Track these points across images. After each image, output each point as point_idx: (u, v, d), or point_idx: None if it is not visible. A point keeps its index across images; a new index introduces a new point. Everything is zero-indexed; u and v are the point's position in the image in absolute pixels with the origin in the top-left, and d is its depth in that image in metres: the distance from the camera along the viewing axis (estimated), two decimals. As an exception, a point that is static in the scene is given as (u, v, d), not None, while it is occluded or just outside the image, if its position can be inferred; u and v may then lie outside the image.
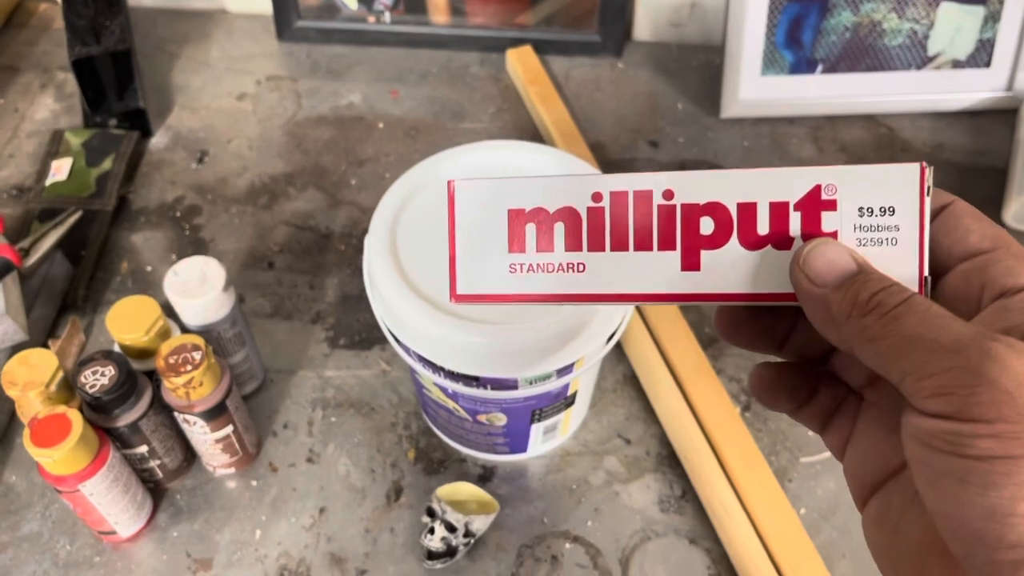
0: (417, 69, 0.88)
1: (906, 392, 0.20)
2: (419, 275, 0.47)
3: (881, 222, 0.23)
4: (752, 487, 0.55)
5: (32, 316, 0.62)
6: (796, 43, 0.80)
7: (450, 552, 0.53)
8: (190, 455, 0.58)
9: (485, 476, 0.59)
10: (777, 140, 0.81)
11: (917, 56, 0.80)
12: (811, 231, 0.24)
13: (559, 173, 0.51)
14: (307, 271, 0.70)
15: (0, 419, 0.59)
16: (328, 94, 0.85)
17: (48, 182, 0.74)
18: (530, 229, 0.25)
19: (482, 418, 0.53)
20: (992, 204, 0.75)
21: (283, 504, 0.57)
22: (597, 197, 0.25)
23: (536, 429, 0.55)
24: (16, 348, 0.59)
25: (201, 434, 0.53)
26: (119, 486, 0.51)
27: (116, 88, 0.80)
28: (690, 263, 0.24)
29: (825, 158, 0.79)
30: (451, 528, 0.53)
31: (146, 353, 0.53)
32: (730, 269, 0.24)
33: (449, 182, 0.26)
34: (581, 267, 0.25)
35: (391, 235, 0.48)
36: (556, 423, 0.56)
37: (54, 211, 0.71)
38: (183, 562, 0.55)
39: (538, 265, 0.25)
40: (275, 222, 0.74)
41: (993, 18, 0.78)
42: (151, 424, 0.52)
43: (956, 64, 0.81)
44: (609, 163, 0.79)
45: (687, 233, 0.24)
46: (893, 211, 0.23)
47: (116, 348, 0.54)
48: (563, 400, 0.53)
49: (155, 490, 0.57)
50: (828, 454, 0.59)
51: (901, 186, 0.23)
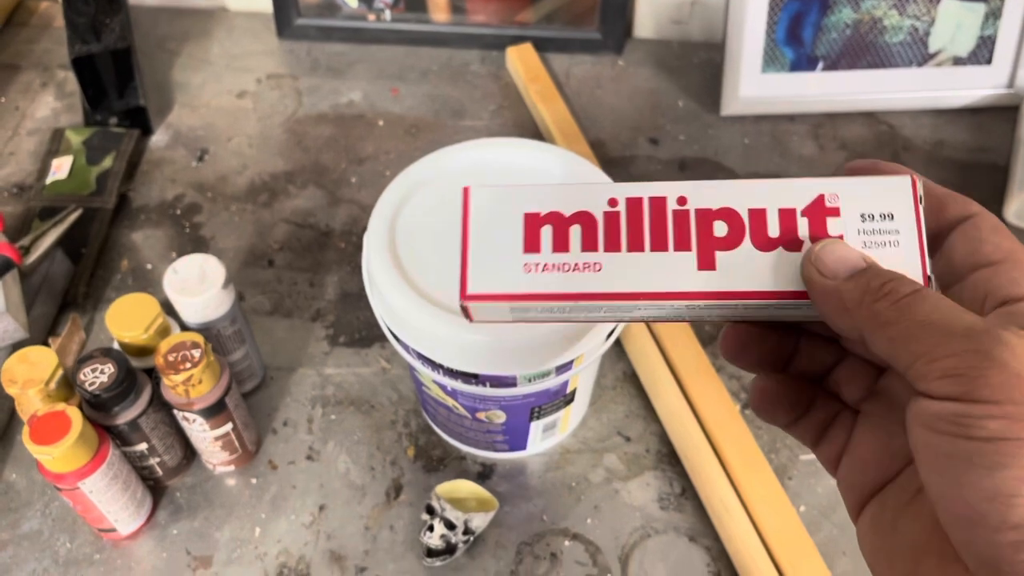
0: (417, 67, 0.88)
1: (915, 376, 0.21)
2: (418, 273, 0.47)
3: (882, 227, 0.24)
4: (752, 485, 0.55)
5: (32, 314, 0.62)
6: (797, 40, 0.79)
7: (449, 549, 0.53)
8: (190, 453, 0.58)
9: (484, 474, 0.59)
10: (778, 137, 0.81)
11: (918, 53, 0.80)
12: (818, 235, 0.25)
13: (563, 171, 0.51)
14: (307, 269, 0.70)
15: (0, 417, 0.59)
16: (328, 92, 0.85)
17: (49, 180, 0.74)
18: (546, 231, 0.26)
19: (481, 416, 0.53)
20: (993, 201, 0.75)
21: (283, 502, 0.57)
22: (613, 203, 0.26)
23: (535, 427, 0.55)
24: (16, 346, 0.59)
25: (200, 432, 0.53)
26: (119, 484, 0.51)
27: (116, 86, 0.80)
28: (706, 262, 0.25)
29: (826, 156, 0.79)
30: (450, 526, 0.53)
31: (146, 351, 0.53)
32: (744, 269, 0.25)
33: (464, 188, 0.26)
34: (598, 266, 0.26)
35: (390, 233, 0.48)
36: (555, 421, 0.56)
37: (55, 209, 0.71)
38: (183, 560, 0.55)
39: (554, 264, 0.26)
40: (275, 220, 0.74)
41: (994, 15, 0.78)
42: (150, 422, 0.52)
43: (957, 61, 0.81)
44: (609, 161, 0.79)
45: (702, 235, 0.25)
46: (892, 216, 0.24)
47: (116, 346, 0.54)
48: (562, 398, 0.53)
49: (155, 488, 0.57)
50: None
51: (896, 195, 0.24)
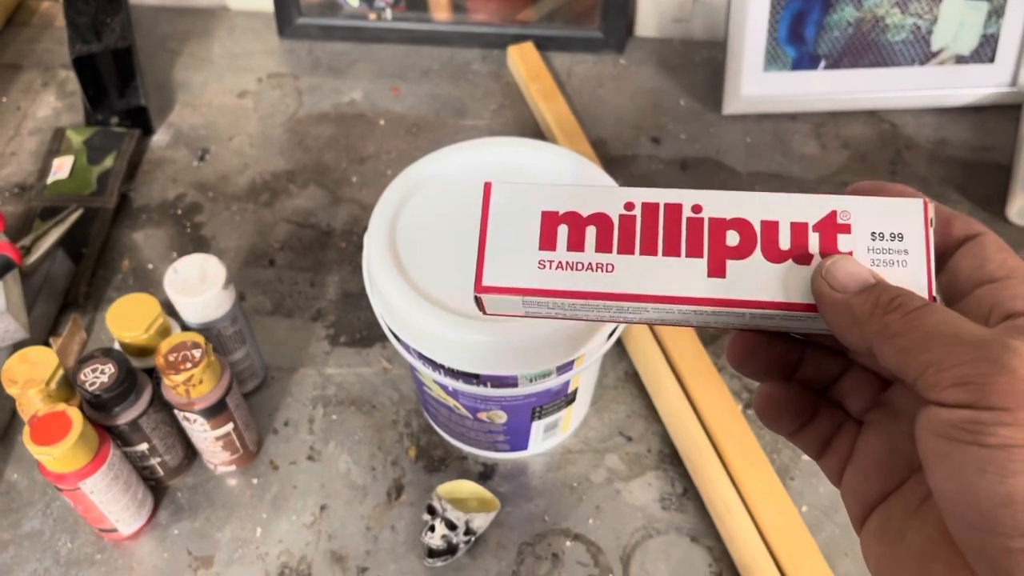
0: (418, 66, 0.88)
1: (925, 385, 0.21)
2: (419, 273, 0.47)
3: (892, 246, 0.25)
4: (754, 485, 0.55)
5: (33, 314, 0.62)
6: (799, 39, 0.79)
7: (451, 550, 0.53)
8: (191, 453, 0.58)
9: (486, 474, 0.58)
10: (780, 136, 0.81)
11: (920, 51, 0.80)
12: (828, 250, 0.25)
13: (564, 170, 0.51)
14: (308, 268, 0.70)
15: (1, 417, 0.59)
16: (329, 91, 0.85)
17: (50, 180, 0.74)
18: (562, 229, 0.26)
19: (482, 416, 0.53)
20: (995, 201, 0.74)
21: (284, 502, 0.57)
22: (629, 206, 0.26)
23: (537, 427, 0.55)
24: (17, 346, 0.59)
25: (201, 432, 0.53)
26: (119, 484, 0.51)
27: (117, 86, 0.80)
28: (716, 270, 0.26)
29: (828, 155, 0.79)
30: (452, 526, 0.53)
31: (146, 351, 0.53)
32: (753, 279, 0.25)
33: (486, 183, 0.27)
34: (610, 267, 0.26)
35: (391, 232, 0.48)
36: (557, 421, 0.56)
37: (56, 209, 0.71)
38: (184, 560, 0.55)
39: (567, 263, 0.26)
40: (276, 219, 0.74)
41: (997, 13, 0.78)
42: (151, 422, 0.52)
43: (960, 59, 0.80)
44: (611, 160, 0.79)
45: (714, 243, 0.26)
46: (902, 237, 0.25)
47: (116, 346, 0.54)
48: (564, 398, 0.53)
49: (156, 488, 0.57)
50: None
51: (907, 217, 0.25)
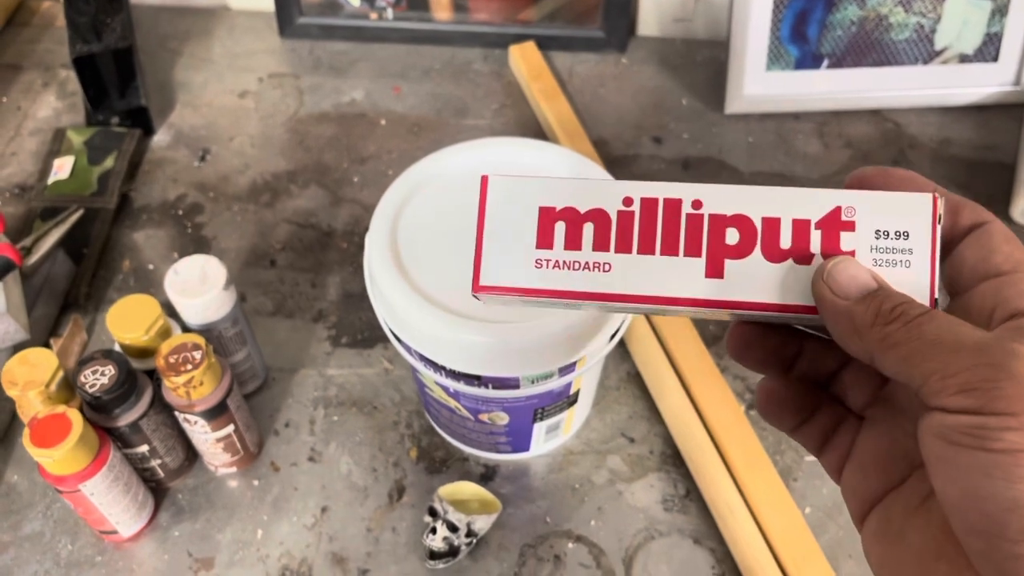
0: (420, 65, 0.88)
1: (928, 393, 0.21)
2: (420, 273, 0.46)
3: (896, 245, 0.24)
4: (757, 486, 0.55)
5: (34, 315, 0.62)
6: (801, 38, 0.79)
7: (452, 552, 0.53)
8: (191, 454, 0.58)
9: (487, 475, 0.58)
10: (782, 136, 0.80)
11: (924, 50, 0.80)
12: (830, 249, 0.24)
13: (565, 170, 0.51)
14: (309, 269, 0.70)
15: (2, 418, 0.59)
16: (330, 91, 0.85)
17: (50, 180, 0.74)
18: (559, 227, 0.26)
19: (484, 417, 0.53)
20: (999, 200, 0.74)
21: (285, 503, 0.57)
22: (628, 202, 0.26)
23: (538, 428, 0.55)
24: (18, 347, 0.59)
25: (202, 433, 0.53)
26: (120, 486, 0.51)
27: (118, 86, 0.79)
28: (714, 270, 0.25)
29: (831, 154, 0.79)
30: (453, 528, 0.53)
31: (146, 352, 0.53)
32: (752, 279, 0.25)
33: (483, 176, 0.26)
34: (607, 267, 0.26)
35: (392, 233, 0.48)
36: (559, 422, 0.56)
37: (56, 209, 0.71)
38: (185, 562, 0.54)
39: (564, 262, 0.26)
40: (277, 220, 0.73)
41: (1001, 12, 0.78)
42: (152, 423, 0.51)
43: (963, 58, 0.80)
44: (613, 160, 0.78)
45: (713, 242, 0.25)
46: (907, 235, 0.24)
47: (116, 347, 0.54)
48: (565, 399, 0.53)
49: (156, 489, 0.57)
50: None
51: (915, 213, 0.24)
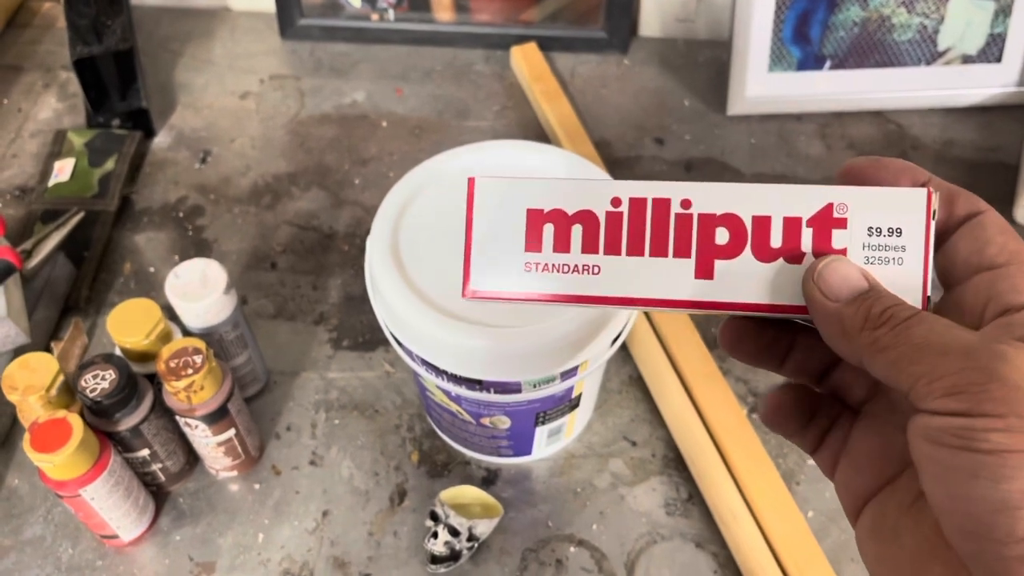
0: (421, 67, 0.87)
1: (916, 396, 0.21)
2: (422, 277, 0.46)
3: (888, 242, 0.24)
4: (759, 490, 0.55)
5: (34, 318, 0.62)
6: (804, 39, 0.79)
7: (454, 556, 0.53)
8: (192, 458, 0.57)
9: (489, 479, 0.58)
10: (784, 137, 0.80)
11: (927, 51, 0.79)
12: (822, 248, 0.24)
13: (565, 173, 0.50)
14: (310, 271, 0.70)
15: (2, 422, 0.59)
16: (331, 92, 0.85)
17: (51, 183, 0.74)
18: (548, 229, 0.26)
19: (486, 421, 0.52)
20: (1003, 202, 0.74)
21: (286, 507, 0.57)
22: (616, 202, 0.25)
23: (540, 432, 0.55)
24: (18, 351, 0.59)
25: (203, 438, 0.53)
26: (120, 490, 0.51)
27: (119, 88, 0.79)
28: (704, 271, 0.25)
29: (833, 155, 0.79)
30: (455, 532, 0.53)
31: (147, 356, 0.53)
32: (742, 279, 0.25)
33: (470, 179, 0.26)
34: (596, 269, 0.25)
35: (393, 236, 0.48)
36: (560, 426, 0.55)
37: (57, 212, 0.71)
38: (186, 566, 0.54)
39: (554, 265, 0.26)
40: (278, 222, 0.73)
41: (1004, 12, 0.77)
42: (152, 428, 0.51)
43: (966, 59, 0.80)
44: (615, 161, 0.78)
45: (702, 242, 0.25)
46: (900, 232, 0.24)
47: (117, 351, 0.54)
48: (567, 403, 0.53)
49: (157, 493, 0.57)
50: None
51: (908, 209, 0.24)
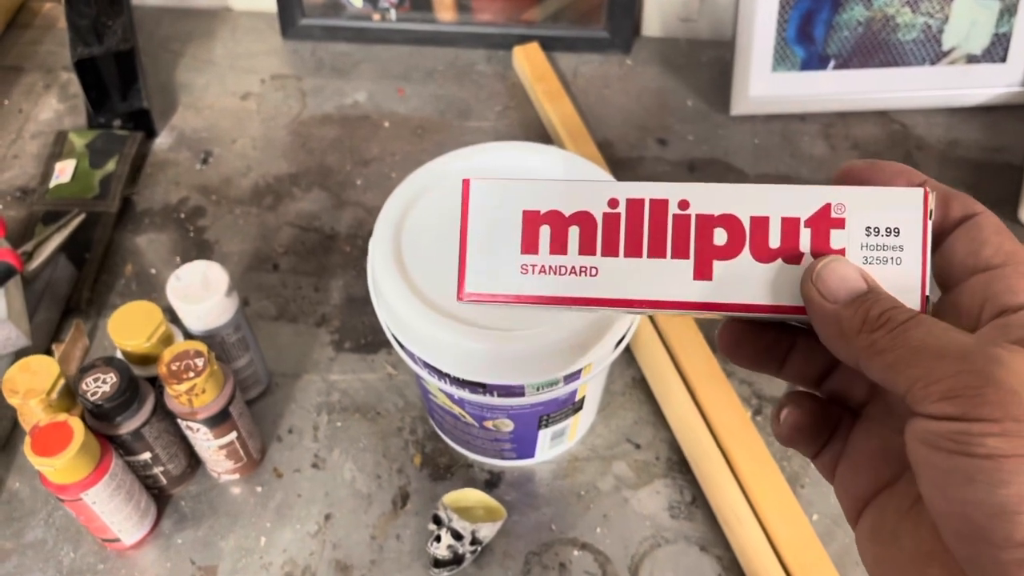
0: (423, 67, 0.87)
1: (913, 400, 0.21)
2: (424, 280, 0.46)
3: (886, 242, 0.24)
4: (764, 493, 0.54)
5: (35, 320, 0.62)
6: (808, 39, 0.78)
7: (457, 560, 0.53)
8: (194, 461, 0.57)
9: (492, 482, 0.58)
10: (788, 137, 0.80)
11: (931, 51, 0.79)
12: (820, 248, 0.24)
13: (568, 175, 0.50)
14: (312, 273, 0.69)
15: (3, 425, 0.59)
16: (333, 92, 0.84)
17: (52, 184, 0.73)
18: (544, 231, 0.25)
19: (489, 424, 0.52)
20: (1008, 202, 0.73)
21: (288, 510, 0.57)
22: (613, 203, 0.25)
23: (544, 435, 0.54)
24: (19, 353, 0.59)
25: (204, 441, 0.53)
26: (122, 494, 0.50)
27: (120, 88, 0.79)
28: (702, 272, 0.25)
29: (837, 156, 0.78)
30: (457, 536, 0.52)
31: (148, 359, 0.52)
32: (741, 280, 0.24)
33: (464, 180, 0.26)
34: (594, 271, 0.25)
35: (395, 239, 0.48)
36: (564, 428, 0.55)
37: (58, 213, 0.70)
38: (187, 569, 0.54)
39: (550, 267, 0.25)
40: (280, 223, 0.73)
41: (1009, 12, 0.77)
42: (154, 431, 0.51)
43: (971, 59, 0.79)
44: (617, 161, 0.78)
45: (700, 243, 0.25)
46: (898, 232, 0.24)
47: (118, 354, 0.53)
48: (571, 406, 0.52)
49: (159, 496, 0.56)
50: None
51: (905, 208, 0.24)
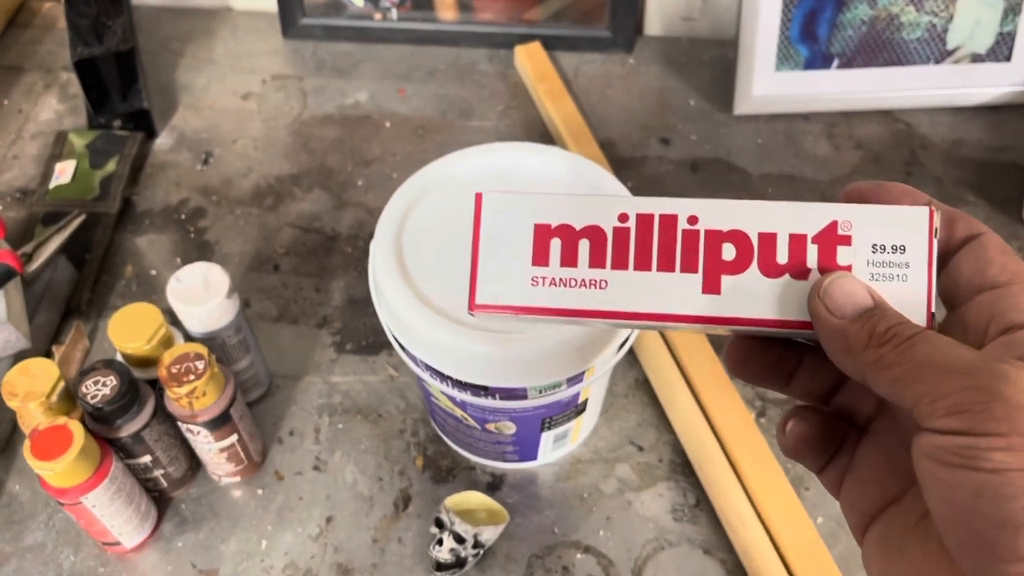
0: (424, 66, 0.87)
1: (920, 415, 0.21)
2: (426, 282, 0.46)
3: (893, 259, 0.24)
4: (768, 495, 0.54)
5: (35, 322, 0.61)
6: (811, 38, 0.78)
7: (459, 563, 0.52)
8: (195, 464, 0.57)
9: (494, 484, 0.57)
10: (791, 137, 0.79)
11: (936, 50, 0.78)
12: (827, 264, 0.24)
13: (570, 175, 0.50)
14: (313, 274, 0.69)
15: (3, 428, 0.59)
16: (334, 92, 0.84)
17: (52, 185, 0.73)
18: (555, 244, 0.26)
19: (491, 427, 0.52)
20: (1012, 202, 0.73)
21: (289, 513, 0.56)
22: (623, 218, 0.26)
23: (546, 437, 0.54)
24: (19, 355, 0.58)
25: (205, 443, 0.52)
26: (122, 497, 0.50)
27: (120, 88, 0.79)
28: (711, 286, 0.25)
29: (841, 155, 0.78)
30: (460, 539, 0.52)
31: (149, 362, 0.52)
32: (749, 295, 0.25)
33: (477, 193, 0.26)
34: (603, 284, 0.25)
35: (397, 241, 0.47)
36: (567, 431, 0.55)
37: (58, 214, 0.70)
38: (188, 573, 0.54)
39: (560, 279, 0.26)
40: (281, 224, 0.73)
41: (1013, 11, 0.76)
42: (154, 434, 0.51)
43: (975, 58, 0.79)
44: (620, 161, 0.77)
45: (709, 257, 0.25)
46: (904, 249, 0.24)
47: (118, 356, 0.53)
48: (574, 408, 0.52)
49: (159, 499, 0.56)
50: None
51: (911, 227, 0.24)
